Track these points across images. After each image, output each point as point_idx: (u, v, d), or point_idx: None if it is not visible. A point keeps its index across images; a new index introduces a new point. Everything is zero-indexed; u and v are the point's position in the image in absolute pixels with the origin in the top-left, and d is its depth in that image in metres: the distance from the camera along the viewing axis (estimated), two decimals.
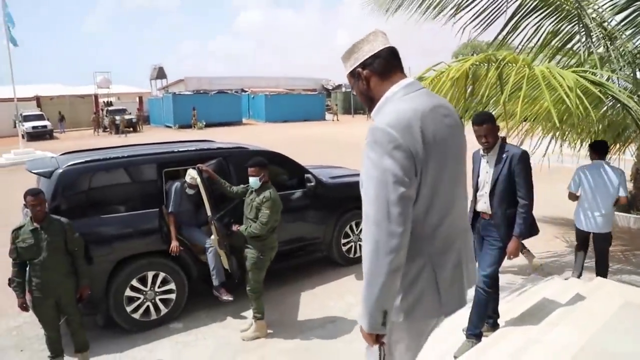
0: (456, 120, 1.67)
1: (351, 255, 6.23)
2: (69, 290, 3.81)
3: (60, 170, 4.40)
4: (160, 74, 46.83)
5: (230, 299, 4.71)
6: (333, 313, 4.94)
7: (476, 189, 3.64)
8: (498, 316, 3.86)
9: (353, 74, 1.68)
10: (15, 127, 23.31)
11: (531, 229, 3.52)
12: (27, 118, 27.76)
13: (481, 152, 3.60)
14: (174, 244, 4.62)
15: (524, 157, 3.39)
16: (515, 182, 3.38)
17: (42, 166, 4.64)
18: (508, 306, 4.19)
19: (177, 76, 51.86)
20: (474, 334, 3.59)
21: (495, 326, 3.81)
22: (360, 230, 6.13)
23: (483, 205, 3.55)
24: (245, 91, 44.05)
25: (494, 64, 4.71)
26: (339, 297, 5.36)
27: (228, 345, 4.42)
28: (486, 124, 3.45)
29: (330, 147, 19.52)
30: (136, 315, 4.63)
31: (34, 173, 4.56)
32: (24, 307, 3.76)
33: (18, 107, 20.33)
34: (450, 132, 1.59)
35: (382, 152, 1.43)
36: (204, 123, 33.09)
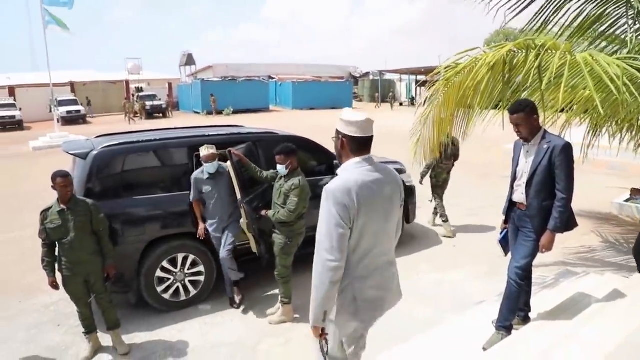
0: (393, 186, 2.28)
1: None
2: (96, 268, 3.92)
3: (96, 152, 4.50)
4: (189, 60, 47.32)
5: (237, 302, 4.83)
6: None
7: (513, 178, 3.53)
8: (529, 310, 3.77)
9: (339, 133, 2.25)
10: (50, 111, 24.02)
11: (568, 223, 3.38)
12: (61, 103, 28.57)
13: (522, 141, 3.47)
14: (201, 226, 4.69)
15: (567, 148, 3.22)
16: (555, 174, 3.23)
17: (78, 147, 4.76)
18: (540, 300, 4.08)
19: (205, 63, 52.31)
20: (504, 326, 3.52)
21: (526, 320, 3.72)
22: None
23: (520, 195, 3.44)
24: (273, 78, 44.09)
25: (533, 50, 4.54)
26: None
27: (255, 328, 4.47)
28: (517, 114, 3.32)
29: None
30: (166, 296, 4.73)
31: (70, 154, 4.68)
32: (54, 285, 3.89)
33: (53, 92, 20.92)
34: (381, 196, 2.20)
35: (330, 205, 2.09)
36: (232, 109, 33.36)
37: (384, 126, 21.73)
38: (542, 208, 3.31)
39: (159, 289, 4.67)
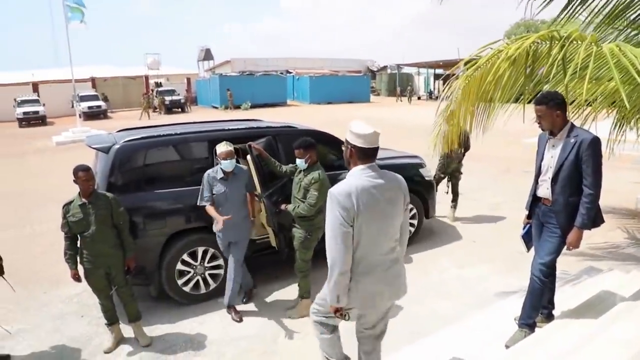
0: (395, 191, 2.56)
1: None
2: (117, 261, 3.98)
3: (118, 146, 4.56)
4: (207, 55, 47.64)
5: (238, 320, 4.52)
6: None
7: (538, 172, 3.44)
8: (553, 307, 3.69)
9: (348, 142, 2.52)
10: (72, 107, 24.47)
11: (595, 220, 3.29)
12: (83, 98, 29.06)
13: (547, 135, 3.39)
14: (222, 218, 4.21)
15: (595, 143, 3.12)
16: (581, 169, 3.14)
17: (100, 142, 4.82)
18: (563, 297, 4.00)
19: (223, 57, 52.63)
20: (528, 324, 3.46)
21: (550, 317, 3.65)
22: (410, 211, 6.10)
23: (545, 191, 3.36)
24: (290, 72, 44.09)
25: (557, 42, 4.42)
26: None
27: (274, 322, 4.49)
28: (540, 106, 3.25)
29: (377, 128, 19.25)
30: (187, 289, 4.78)
31: (93, 148, 4.75)
32: (76, 277, 3.95)
33: (75, 88, 21.30)
34: (381, 200, 2.46)
35: (333, 206, 2.39)
36: (249, 104, 33.49)
37: (402, 120, 21.65)
38: (568, 204, 3.22)
39: (180, 281, 4.72)
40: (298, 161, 4.31)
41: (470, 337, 3.72)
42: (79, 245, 3.93)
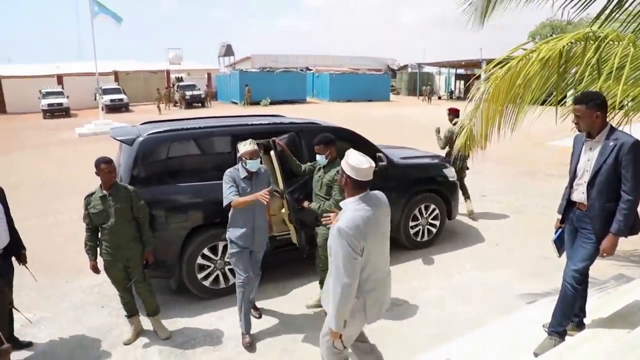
0: (384, 212, 2.76)
1: (418, 239, 6.06)
2: (135, 255, 3.97)
3: (142, 138, 4.56)
4: (228, 51, 47.87)
5: (257, 317, 4.43)
6: (400, 296, 4.83)
7: (573, 176, 3.30)
8: (584, 315, 3.56)
9: (344, 172, 2.63)
10: (95, 99, 24.85)
11: (633, 227, 3.15)
12: (106, 91, 29.51)
13: (584, 137, 3.25)
14: (259, 193, 3.74)
15: (636, 146, 2.96)
16: (620, 174, 2.99)
17: (124, 134, 4.84)
18: (594, 305, 3.85)
19: (244, 53, 52.85)
20: (558, 332, 3.33)
21: (580, 326, 3.52)
22: (430, 213, 6.00)
23: (580, 195, 3.23)
24: (310, 70, 44.05)
25: (592, 43, 4.27)
26: (406, 280, 5.23)
27: (294, 319, 4.45)
28: (579, 105, 3.10)
29: (397, 127, 19.13)
30: (206, 283, 4.77)
31: (117, 140, 4.76)
32: (95, 269, 3.98)
33: (98, 81, 21.61)
34: (379, 225, 2.67)
35: (343, 240, 2.49)
36: (269, 100, 33.56)
37: (422, 119, 21.39)
38: (604, 209, 3.08)
39: (200, 275, 4.71)
40: (318, 157, 4.27)
41: (495, 343, 3.61)
42: (99, 237, 3.95)
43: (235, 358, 3.91)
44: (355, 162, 2.58)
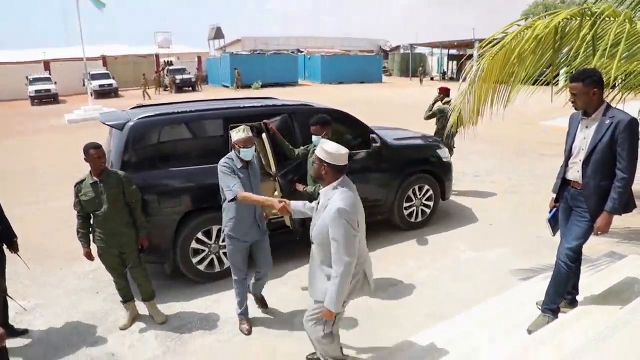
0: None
1: (412, 220, 6.08)
2: (129, 240, 3.93)
3: (132, 123, 4.49)
4: (218, 34, 47.18)
5: (246, 333, 4.00)
6: (395, 277, 4.86)
7: (569, 155, 3.28)
8: (577, 293, 3.60)
9: (322, 161, 2.72)
10: (84, 85, 24.46)
11: (627, 205, 3.15)
12: (94, 77, 29.04)
13: (581, 115, 3.22)
14: (279, 203, 3.31)
15: (632, 124, 2.95)
16: (616, 152, 2.98)
17: (114, 119, 4.76)
18: (586, 283, 3.89)
19: (234, 36, 52.09)
20: (551, 309, 3.37)
21: (573, 303, 3.56)
22: (424, 194, 6.01)
23: (575, 174, 3.22)
24: (302, 52, 43.60)
25: (588, 19, 4.23)
26: (401, 261, 5.26)
27: (289, 301, 4.46)
28: (576, 83, 3.06)
29: (390, 109, 19.06)
30: (201, 267, 4.76)
31: (107, 125, 4.69)
32: (89, 256, 3.93)
33: (86, 66, 21.23)
34: (359, 199, 2.84)
35: (343, 220, 2.62)
36: (260, 83, 33.24)
37: (415, 101, 21.30)
38: (600, 188, 3.08)
39: (194, 260, 4.70)
40: (315, 138, 4.22)
41: (489, 322, 3.65)
42: (92, 224, 3.90)
43: (231, 341, 3.92)
44: (334, 149, 2.71)
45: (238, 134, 3.71)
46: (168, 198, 4.53)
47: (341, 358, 3.18)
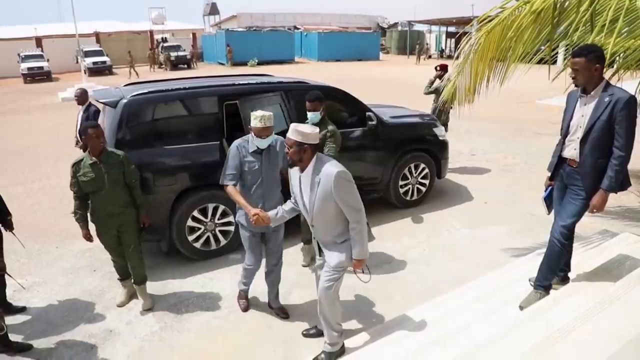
0: None
1: (408, 198, 6.10)
2: (129, 220, 3.88)
3: (126, 100, 4.43)
4: (213, 10, 46.37)
5: (243, 309, 4.04)
6: (390, 253, 4.90)
7: (566, 132, 3.26)
8: (569, 269, 3.64)
9: (302, 144, 2.79)
10: (77, 62, 24.08)
11: (622, 183, 3.16)
12: (87, 54, 28.56)
13: (579, 92, 3.18)
14: (254, 210, 3.32)
15: (630, 102, 2.93)
16: (614, 130, 2.97)
17: (108, 96, 4.70)
18: (578, 260, 3.94)
19: (229, 12, 51.25)
20: (543, 285, 3.41)
21: (565, 280, 3.61)
22: (419, 172, 6.01)
23: (572, 151, 3.20)
24: (298, 28, 42.96)
25: None
26: (396, 238, 5.30)
27: (286, 278, 4.48)
28: (578, 58, 3.03)
29: (387, 87, 18.92)
30: (197, 245, 4.78)
31: (100, 102, 4.64)
32: (87, 237, 3.90)
33: (79, 43, 20.85)
34: None
35: (351, 183, 2.84)
36: (256, 61, 32.85)
37: (415, 77, 21.15)
38: (596, 165, 3.08)
39: (190, 238, 4.71)
40: (311, 115, 4.19)
41: (482, 298, 3.70)
42: (89, 203, 3.83)
43: (227, 317, 3.97)
44: (309, 129, 2.82)
45: (255, 120, 3.43)
46: (163, 176, 4.51)
47: (340, 328, 3.24)
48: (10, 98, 19.44)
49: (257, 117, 3.42)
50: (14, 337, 3.57)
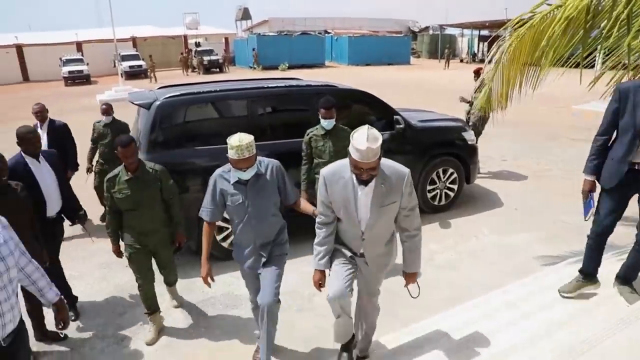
0: None
1: (436, 203, 6.05)
2: (163, 239, 3.72)
3: (159, 102, 4.59)
4: (245, 15, 47.12)
5: None
6: None
7: (635, 134, 2.95)
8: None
9: (379, 158, 2.48)
10: (114, 66, 24.94)
11: None
12: (124, 58, 29.54)
13: None
14: (205, 268, 3.19)
15: None
16: None
17: (142, 98, 4.87)
18: (609, 269, 3.78)
19: (261, 17, 51.98)
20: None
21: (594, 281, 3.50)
22: (448, 177, 5.95)
23: None
24: (329, 33, 43.15)
25: None
26: (423, 244, 5.24)
27: (310, 280, 4.47)
28: None
29: (417, 91, 18.77)
30: (225, 244, 4.88)
31: (135, 104, 4.81)
32: (117, 252, 3.76)
33: (117, 47, 21.60)
34: None
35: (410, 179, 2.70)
36: (287, 64, 33.17)
37: (442, 83, 20.94)
38: None
39: (219, 237, 4.81)
40: (326, 122, 4.17)
41: (509, 306, 3.63)
42: (124, 221, 3.62)
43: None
44: (377, 134, 2.50)
45: (231, 151, 2.78)
46: (193, 176, 4.63)
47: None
48: (53, 100, 20.28)
49: (233, 148, 2.76)
50: (50, 327, 3.74)
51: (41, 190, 3.68)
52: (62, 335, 3.74)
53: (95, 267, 4.96)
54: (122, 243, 3.78)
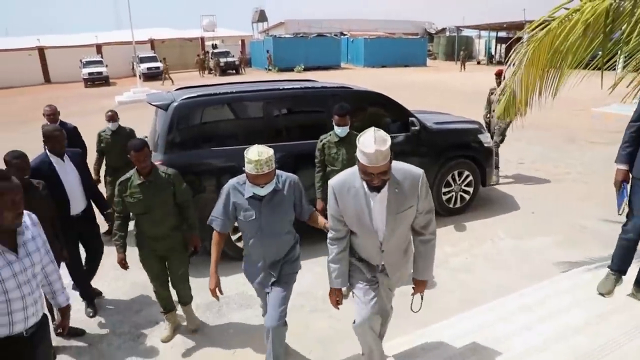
0: None
1: (451, 205, 6.01)
2: (177, 243, 3.62)
3: (176, 103, 4.66)
4: (262, 17, 47.45)
5: None
6: None
7: None
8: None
9: (390, 161, 2.31)
10: (133, 68, 25.34)
11: None
12: (142, 60, 29.98)
13: None
14: (213, 280, 3.14)
15: None
16: None
17: (160, 99, 4.95)
18: (631, 275, 3.75)
19: (277, 19, 52.29)
20: None
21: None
22: (463, 180, 5.90)
23: None
24: (345, 34, 43.18)
25: None
26: (438, 246, 5.17)
27: (323, 281, 4.48)
28: None
29: (433, 93, 18.66)
30: (239, 244, 4.91)
31: (153, 105, 4.89)
32: (122, 263, 3.58)
33: (135, 49, 21.95)
34: None
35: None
36: (303, 66, 33.29)
37: (459, 86, 20.81)
38: None
39: (233, 237, 4.86)
40: (340, 129, 4.12)
41: (524, 310, 3.59)
42: (133, 224, 3.59)
43: None
44: (385, 136, 2.31)
45: (249, 165, 2.65)
46: (209, 176, 4.69)
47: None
48: (73, 101, 20.70)
49: (252, 162, 2.60)
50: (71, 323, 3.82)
51: (64, 189, 3.79)
52: (80, 331, 3.83)
53: (111, 267, 5.01)
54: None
